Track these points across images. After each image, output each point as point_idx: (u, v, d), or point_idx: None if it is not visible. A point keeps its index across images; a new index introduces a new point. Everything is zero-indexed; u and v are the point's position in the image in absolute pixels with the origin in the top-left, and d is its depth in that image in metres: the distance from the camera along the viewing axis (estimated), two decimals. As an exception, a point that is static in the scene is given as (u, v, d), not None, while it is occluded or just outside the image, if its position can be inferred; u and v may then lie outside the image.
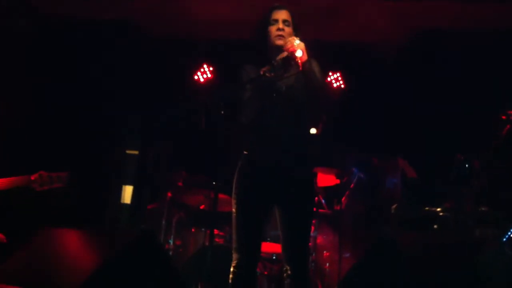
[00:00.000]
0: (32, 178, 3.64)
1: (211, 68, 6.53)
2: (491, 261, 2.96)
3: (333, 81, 6.36)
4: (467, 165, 4.54)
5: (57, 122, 6.11)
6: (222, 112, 3.33)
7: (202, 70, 6.51)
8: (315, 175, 5.37)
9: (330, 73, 6.34)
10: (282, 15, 3.36)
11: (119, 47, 6.45)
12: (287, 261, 3.28)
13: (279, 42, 3.30)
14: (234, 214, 3.29)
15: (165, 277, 3.20)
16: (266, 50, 3.37)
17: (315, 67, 3.31)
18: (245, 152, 3.34)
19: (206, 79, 6.49)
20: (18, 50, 6.11)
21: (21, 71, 6.13)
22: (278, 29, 3.32)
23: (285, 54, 3.26)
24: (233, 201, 3.31)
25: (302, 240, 3.33)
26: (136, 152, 6.79)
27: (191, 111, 5.85)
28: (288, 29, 3.33)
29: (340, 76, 6.37)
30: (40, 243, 3.31)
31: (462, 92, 5.85)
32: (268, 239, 4.80)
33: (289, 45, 3.19)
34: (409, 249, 3.08)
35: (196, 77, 6.51)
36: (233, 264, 3.24)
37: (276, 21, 3.34)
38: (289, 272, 3.25)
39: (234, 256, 3.24)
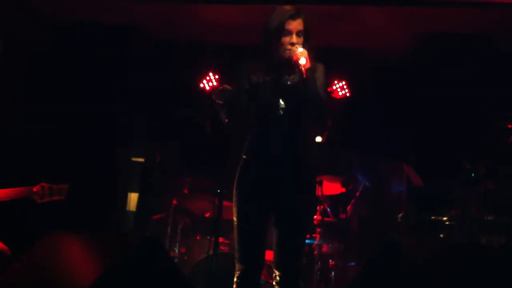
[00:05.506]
0: (34, 189, 3.65)
1: (216, 76, 6.53)
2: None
3: (339, 90, 6.35)
4: (473, 172, 4.53)
5: (62, 128, 6.12)
6: (226, 120, 3.34)
7: (208, 78, 6.52)
8: (318, 181, 5.35)
9: (336, 81, 6.33)
10: (296, 25, 3.23)
11: (123, 48, 6.47)
12: (277, 266, 3.25)
13: (289, 56, 3.21)
14: (235, 223, 3.27)
15: (170, 284, 3.18)
16: (273, 55, 3.30)
17: (320, 73, 3.29)
18: (244, 157, 3.32)
19: (212, 87, 6.50)
20: (22, 53, 6.14)
21: (23, 74, 6.15)
22: (291, 43, 3.21)
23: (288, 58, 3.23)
24: (234, 209, 3.28)
25: (297, 243, 3.28)
26: (141, 159, 6.80)
27: (197, 117, 5.87)
28: (301, 40, 3.24)
29: (346, 84, 6.36)
30: (43, 249, 3.29)
31: (468, 97, 5.82)
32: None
33: (292, 53, 3.17)
34: (416, 256, 3.05)
35: (201, 85, 6.51)
36: (236, 274, 3.22)
37: (290, 32, 3.22)
38: (277, 278, 3.22)
39: (237, 266, 3.23)
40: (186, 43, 6.65)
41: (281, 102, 3.25)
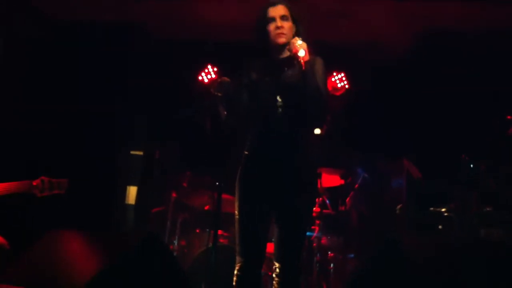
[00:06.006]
0: (34, 183, 3.65)
1: (215, 69, 6.52)
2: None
3: (337, 81, 6.34)
4: (472, 166, 4.53)
5: (62, 128, 6.14)
6: (225, 112, 3.34)
7: (206, 70, 6.51)
8: (318, 175, 5.34)
9: (335, 73, 6.33)
10: (278, 11, 3.27)
11: (124, 48, 6.49)
12: (277, 259, 3.25)
13: (280, 40, 3.25)
14: (236, 217, 3.26)
15: (170, 279, 3.18)
16: (268, 49, 3.32)
17: (319, 66, 3.29)
18: (246, 153, 3.31)
19: (210, 80, 6.49)
20: (22, 53, 6.16)
21: (23, 74, 6.17)
22: (277, 27, 3.24)
23: (287, 53, 3.24)
24: (236, 205, 3.27)
25: (298, 242, 3.27)
26: (140, 153, 6.81)
27: (198, 117, 5.87)
28: (287, 24, 3.27)
29: (345, 76, 6.35)
30: (44, 245, 3.30)
31: (468, 92, 5.83)
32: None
33: (291, 46, 3.16)
34: (415, 250, 3.05)
35: (200, 78, 6.51)
36: (236, 267, 3.21)
37: (273, 19, 3.25)
38: (277, 270, 3.23)
39: (238, 259, 3.22)
40: (186, 43, 6.66)
41: (281, 100, 3.24)
